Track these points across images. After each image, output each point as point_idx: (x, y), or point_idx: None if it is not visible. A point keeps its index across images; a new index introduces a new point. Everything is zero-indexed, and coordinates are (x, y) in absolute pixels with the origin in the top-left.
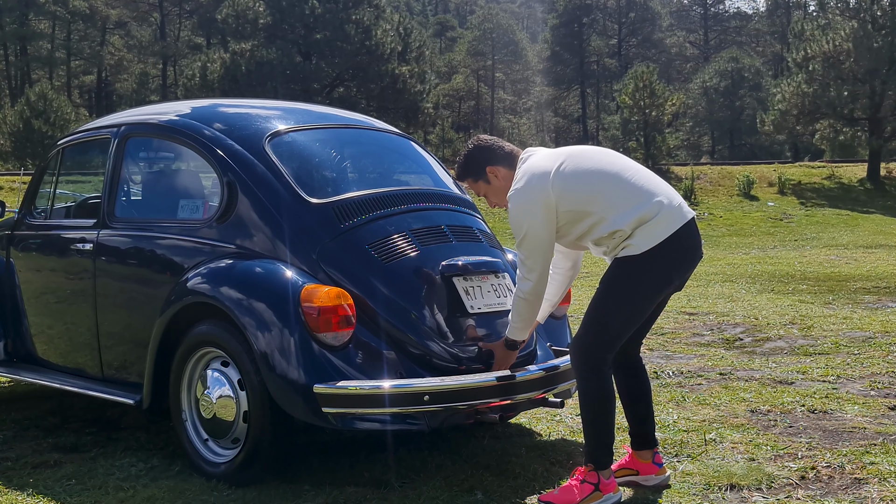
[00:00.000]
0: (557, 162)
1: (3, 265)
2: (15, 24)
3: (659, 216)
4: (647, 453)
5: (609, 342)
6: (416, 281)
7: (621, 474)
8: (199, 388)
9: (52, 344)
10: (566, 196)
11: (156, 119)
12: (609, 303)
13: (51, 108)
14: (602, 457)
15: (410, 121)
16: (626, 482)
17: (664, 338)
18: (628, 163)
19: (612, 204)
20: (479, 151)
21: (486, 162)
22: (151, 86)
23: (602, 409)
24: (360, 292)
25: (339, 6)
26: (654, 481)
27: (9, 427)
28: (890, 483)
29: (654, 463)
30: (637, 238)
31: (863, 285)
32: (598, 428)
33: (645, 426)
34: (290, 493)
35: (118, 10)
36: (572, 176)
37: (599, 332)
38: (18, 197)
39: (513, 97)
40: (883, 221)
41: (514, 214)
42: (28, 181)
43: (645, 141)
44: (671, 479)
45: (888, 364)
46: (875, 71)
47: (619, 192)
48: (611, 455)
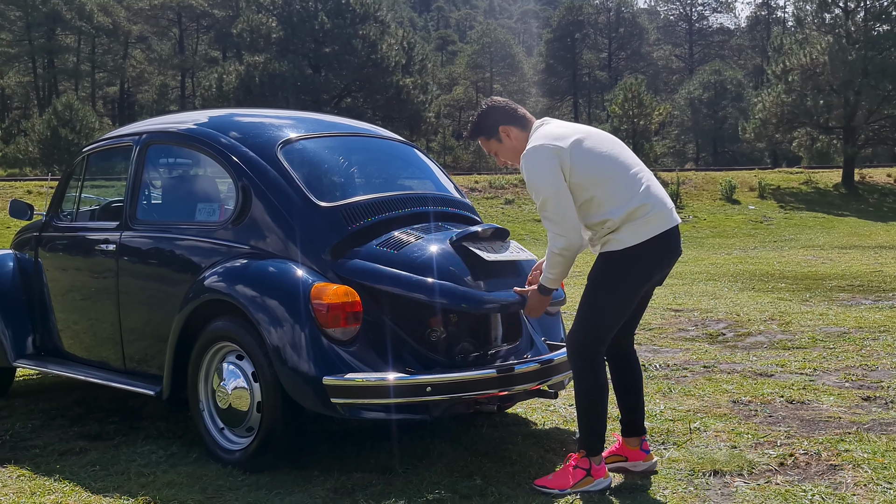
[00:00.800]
0: (576, 135)
1: (32, 265)
2: (43, 38)
3: (648, 216)
4: (636, 440)
5: (601, 335)
6: (430, 252)
7: (611, 460)
8: (215, 380)
9: (78, 338)
10: (578, 169)
11: (175, 128)
12: (596, 297)
13: (76, 117)
14: (594, 444)
15: (414, 129)
16: (615, 468)
17: (651, 333)
18: (635, 158)
19: (614, 193)
20: (493, 111)
21: (500, 121)
22: (171, 96)
23: (596, 399)
24: (371, 283)
25: (347, 22)
26: (642, 467)
27: (37, 416)
28: (863, 469)
29: (641, 450)
30: (622, 233)
31: (838, 284)
32: (592, 417)
33: (635, 414)
34: (300, 479)
35: (140, 25)
36: (588, 153)
37: (591, 326)
38: (46, 200)
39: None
40: (857, 224)
41: (531, 171)
42: (55, 186)
43: (633, 148)
44: (658, 466)
45: (861, 357)
46: (849, 82)
47: (623, 183)
48: (602, 442)
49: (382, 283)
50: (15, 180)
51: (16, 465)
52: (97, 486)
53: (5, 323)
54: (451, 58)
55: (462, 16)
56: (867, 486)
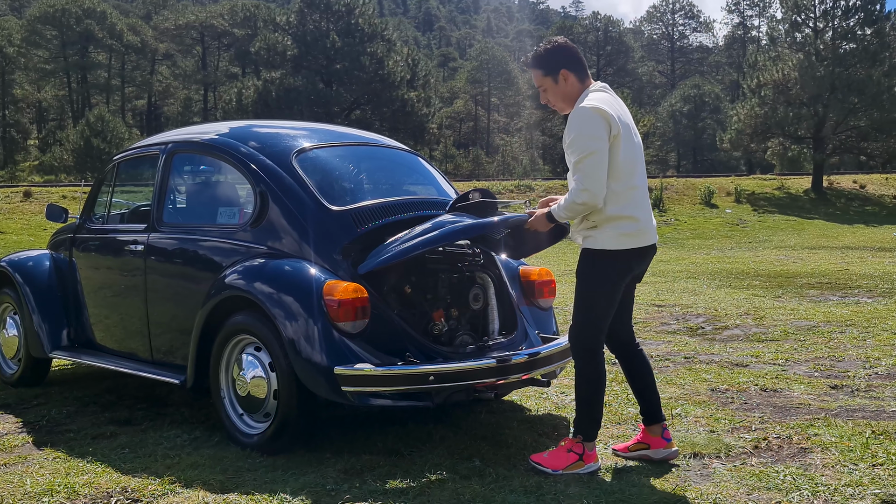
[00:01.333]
0: (625, 124)
1: (67, 264)
2: (77, 56)
3: (635, 231)
4: (657, 428)
5: (598, 325)
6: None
7: (635, 448)
8: (235, 370)
9: (109, 331)
10: (611, 153)
11: (199, 137)
12: (586, 292)
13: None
14: (590, 430)
15: (417, 139)
16: (638, 455)
17: (636, 326)
18: (644, 172)
19: (616, 193)
20: (561, 51)
21: (563, 64)
22: (194, 109)
23: (595, 388)
24: (384, 263)
25: (356, 40)
26: (663, 454)
27: (71, 403)
28: (831, 452)
29: (663, 437)
30: (601, 232)
31: (808, 281)
32: (590, 405)
33: (650, 402)
34: (313, 460)
35: (166, 43)
36: (624, 144)
37: (587, 319)
38: (79, 205)
39: (506, 119)
40: (825, 226)
41: (586, 125)
42: (88, 191)
43: None
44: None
45: (830, 349)
46: (818, 96)
47: (627, 189)
48: (597, 429)
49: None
50: (51, 186)
51: (52, 448)
52: (126, 468)
53: (42, 317)
54: (451, 73)
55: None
56: (835, 468)
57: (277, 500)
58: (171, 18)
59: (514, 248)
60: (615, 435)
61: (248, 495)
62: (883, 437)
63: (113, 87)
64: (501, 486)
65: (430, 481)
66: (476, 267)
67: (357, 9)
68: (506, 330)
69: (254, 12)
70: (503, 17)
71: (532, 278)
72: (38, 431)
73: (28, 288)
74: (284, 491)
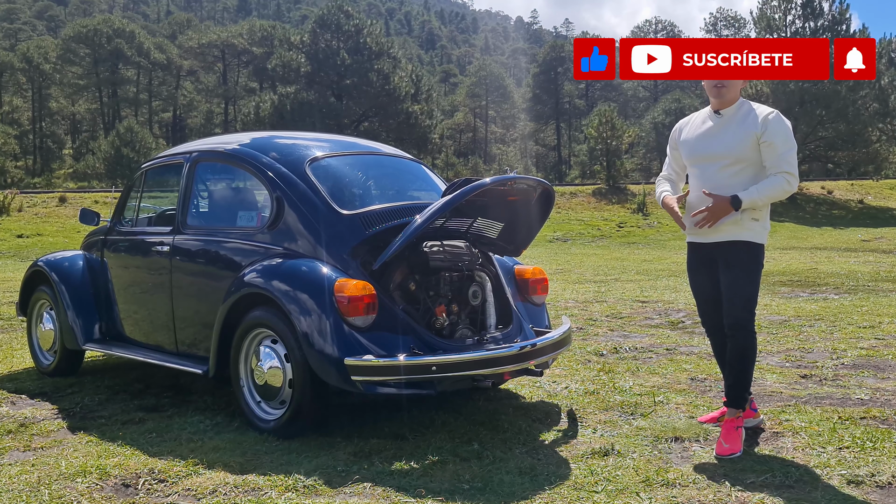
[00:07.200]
0: None
1: (98, 263)
2: (108, 72)
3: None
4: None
5: (753, 308)
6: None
7: (723, 419)
8: (253, 361)
9: (137, 325)
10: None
11: (220, 147)
12: (749, 280)
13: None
14: (745, 400)
15: (421, 149)
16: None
17: (622, 321)
18: None
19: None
20: None
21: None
22: (216, 121)
23: (754, 363)
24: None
25: (364, 58)
26: (752, 423)
27: (103, 392)
28: (801, 436)
29: (750, 409)
30: (761, 226)
31: (779, 279)
32: (749, 378)
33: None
34: (325, 444)
35: (190, 61)
36: None
37: (753, 303)
38: (110, 209)
39: (502, 130)
40: (795, 229)
41: (787, 130)
42: (118, 196)
43: (607, 165)
44: (624, 434)
45: (800, 342)
46: (789, 109)
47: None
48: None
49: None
50: (84, 192)
51: (85, 433)
52: (153, 451)
53: (76, 312)
54: (452, 88)
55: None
56: (804, 451)
57: (292, 480)
58: (194, 38)
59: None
60: (602, 420)
61: (265, 476)
62: (849, 423)
63: (141, 101)
64: (498, 467)
65: (432, 463)
66: (475, 266)
67: (365, 29)
68: (502, 324)
69: (270, 32)
70: (500, 37)
71: (526, 276)
72: (73, 417)
73: (63, 286)
74: (298, 472)
